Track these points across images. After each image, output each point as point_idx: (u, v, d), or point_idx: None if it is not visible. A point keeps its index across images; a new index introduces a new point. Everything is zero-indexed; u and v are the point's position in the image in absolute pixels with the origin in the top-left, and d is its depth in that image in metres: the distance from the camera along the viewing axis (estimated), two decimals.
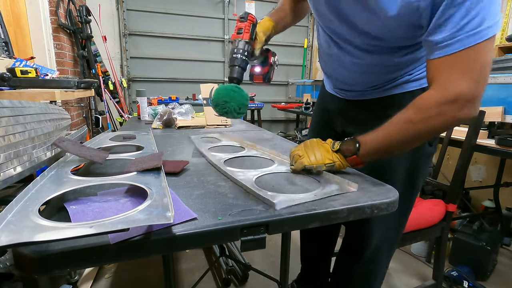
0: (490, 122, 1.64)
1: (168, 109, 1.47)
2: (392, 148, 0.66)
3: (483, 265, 1.62)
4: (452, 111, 0.58)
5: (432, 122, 0.60)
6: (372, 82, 0.86)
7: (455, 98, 0.57)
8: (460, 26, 0.54)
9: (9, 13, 2.14)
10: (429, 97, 0.60)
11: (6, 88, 1.39)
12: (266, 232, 0.49)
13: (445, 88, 0.58)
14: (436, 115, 0.59)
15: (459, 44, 0.55)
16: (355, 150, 0.66)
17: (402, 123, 0.63)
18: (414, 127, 0.61)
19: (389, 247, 0.97)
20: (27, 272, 0.39)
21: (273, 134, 1.29)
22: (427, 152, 0.87)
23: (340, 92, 0.96)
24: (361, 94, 0.89)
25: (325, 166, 0.68)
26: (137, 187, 0.56)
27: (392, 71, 0.81)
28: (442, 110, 0.58)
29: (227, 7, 3.90)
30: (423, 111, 0.60)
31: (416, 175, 0.87)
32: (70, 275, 1.44)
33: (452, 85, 0.57)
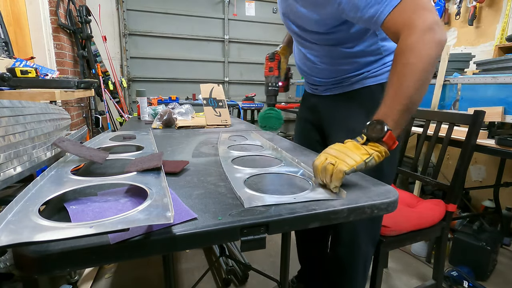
0: (490, 122, 1.65)
1: (168, 109, 1.47)
2: (412, 98, 0.65)
3: (483, 265, 1.62)
4: (430, 36, 0.64)
5: (422, 52, 0.64)
6: (332, 74, 0.99)
7: (427, 27, 0.64)
8: None
9: (9, 13, 2.14)
10: (406, 38, 0.66)
11: (6, 88, 1.39)
12: (266, 232, 0.49)
13: (414, 26, 0.65)
14: (421, 45, 0.64)
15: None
16: (383, 128, 0.63)
17: (402, 69, 0.65)
18: (414, 65, 0.64)
19: (366, 230, 1.00)
20: (27, 272, 0.39)
21: (273, 134, 1.29)
22: None
23: (312, 88, 1.12)
24: (328, 89, 1.03)
25: (366, 162, 0.61)
26: (137, 187, 0.56)
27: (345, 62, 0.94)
28: (424, 40, 0.64)
29: (227, 7, 3.90)
30: (409, 47, 0.65)
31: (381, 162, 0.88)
32: (70, 275, 1.44)
33: (416, 19, 0.65)
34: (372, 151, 0.62)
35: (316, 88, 1.09)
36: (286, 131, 4.58)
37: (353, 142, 0.65)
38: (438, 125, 1.37)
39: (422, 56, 0.64)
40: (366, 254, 1.04)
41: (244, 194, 0.57)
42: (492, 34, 2.29)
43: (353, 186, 0.64)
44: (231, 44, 4.05)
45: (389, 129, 0.63)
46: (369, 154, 0.62)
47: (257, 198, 0.55)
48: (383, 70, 0.93)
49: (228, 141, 1.08)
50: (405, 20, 0.66)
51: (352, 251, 1.03)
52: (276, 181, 0.67)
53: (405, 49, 0.65)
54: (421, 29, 0.64)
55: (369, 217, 0.92)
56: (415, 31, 0.64)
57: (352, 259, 1.04)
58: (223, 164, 0.76)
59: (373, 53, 0.91)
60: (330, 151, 0.64)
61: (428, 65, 0.65)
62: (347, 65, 0.95)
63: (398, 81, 0.65)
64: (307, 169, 0.72)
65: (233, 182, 0.63)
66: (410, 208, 1.29)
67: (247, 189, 0.60)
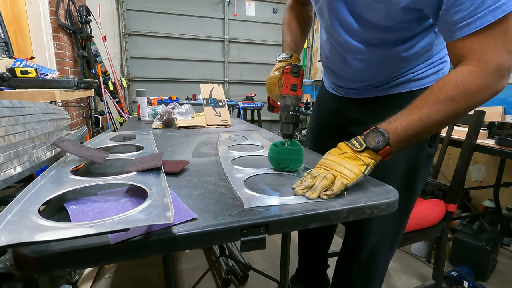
0: (490, 122, 1.64)
1: (168, 109, 1.47)
2: (428, 131, 0.61)
3: (483, 265, 1.62)
4: (494, 83, 0.57)
5: (475, 98, 0.57)
6: (374, 79, 0.84)
7: (496, 70, 0.56)
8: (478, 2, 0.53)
9: (9, 13, 2.14)
10: (470, 73, 0.57)
11: (6, 88, 1.39)
12: (266, 232, 0.49)
13: (487, 63, 0.56)
14: (479, 90, 0.57)
15: (480, 22, 0.54)
16: (384, 141, 0.60)
17: (443, 103, 0.58)
18: (457, 105, 0.58)
19: (388, 249, 0.95)
20: (27, 272, 0.39)
21: (273, 134, 1.29)
22: (428, 154, 0.84)
23: (339, 90, 0.95)
24: (360, 92, 0.88)
25: (364, 174, 0.60)
26: (137, 187, 0.56)
27: (395, 67, 0.80)
28: (484, 83, 0.56)
29: (227, 7, 3.90)
30: (466, 87, 0.57)
31: (415, 178, 0.85)
32: (70, 275, 1.44)
33: (493, 59, 0.55)
34: (369, 161, 0.61)
35: (343, 89, 0.93)
36: None
37: (350, 151, 0.62)
38: None
39: (472, 101, 0.57)
40: (383, 273, 0.98)
41: (244, 194, 0.57)
42: None
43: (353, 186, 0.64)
44: (231, 44, 4.05)
45: (388, 144, 0.60)
46: (366, 164, 0.60)
47: (257, 199, 0.55)
48: (429, 72, 0.80)
49: (228, 141, 1.08)
50: (483, 52, 0.56)
51: (371, 271, 0.94)
52: (276, 182, 0.67)
53: (461, 84, 0.57)
54: (492, 73, 0.56)
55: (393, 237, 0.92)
56: (485, 72, 0.56)
57: (370, 279, 0.96)
58: (223, 164, 0.76)
59: (426, 53, 0.78)
60: (327, 162, 0.62)
61: (467, 111, 0.60)
62: (395, 69, 0.81)
63: (431, 110, 0.59)
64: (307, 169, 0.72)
65: (233, 182, 0.63)
66: None
67: (247, 189, 0.60)
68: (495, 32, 0.54)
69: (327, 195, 0.57)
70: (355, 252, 0.95)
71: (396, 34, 0.72)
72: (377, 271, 0.96)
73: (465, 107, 0.58)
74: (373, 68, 0.81)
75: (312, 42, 4.47)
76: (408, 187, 0.84)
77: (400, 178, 0.83)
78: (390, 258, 0.99)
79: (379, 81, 0.84)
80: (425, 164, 0.86)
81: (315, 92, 3.44)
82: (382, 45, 0.74)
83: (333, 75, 0.94)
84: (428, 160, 0.86)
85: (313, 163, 0.76)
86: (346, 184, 0.58)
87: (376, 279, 0.98)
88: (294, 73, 0.74)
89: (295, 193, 0.59)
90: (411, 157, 0.82)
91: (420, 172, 0.85)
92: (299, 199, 0.56)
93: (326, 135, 1.04)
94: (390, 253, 0.97)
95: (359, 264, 0.95)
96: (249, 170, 0.73)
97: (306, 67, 4.49)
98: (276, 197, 0.57)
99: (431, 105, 0.59)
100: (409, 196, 0.86)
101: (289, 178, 0.70)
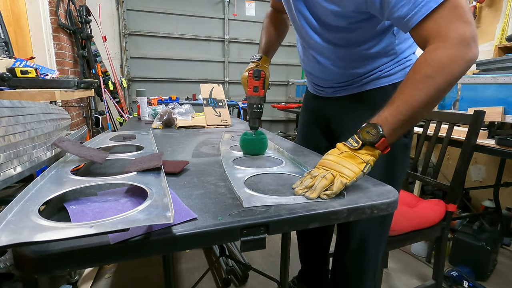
0: (490, 122, 1.64)
1: (168, 109, 1.47)
2: (417, 112, 0.62)
3: (483, 265, 1.62)
4: (463, 53, 0.59)
5: (448, 70, 0.59)
6: (344, 77, 0.92)
7: (460, 40, 0.58)
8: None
9: (9, 13, 2.14)
10: (436, 48, 0.60)
11: (6, 88, 1.39)
12: (266, 232, 0.49)
13: (447, 36, 0.59)
14: (450, 62, 0.59)
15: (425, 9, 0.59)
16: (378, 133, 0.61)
17: (421, 82, 0.60)
18: (435, 81, 0.59)
19: (376, 237, 0.97)
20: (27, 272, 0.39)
21: (273, 134, 1.29)
22: (403, 143, 0.91)
23: (318, 90, 1.04)
24: (336, 91, 0.96)
25: (364, 172, 0.61)
26: (137, 187, 0.56)
27: (361, 65, 0.87)
28: (454, 55, 0.58)
29: (227, 7, 3.90)
30: (437, 62, 0.59)
31: (393, 165, 0.90)
32: (70, 275, 1.44)
33: (452, 31, 0.58)
34: (368, 158, 0.61)
35: (322, 90, 1.02)
36: (286, 131, 4.58)
37: (348, 150, 0.63)
38: (438, 125, 1.37)
39: (447, 74, 0.59)
40: (375, 264, 1.00)
41: (244, 194, 0.57)
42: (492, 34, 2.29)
43: (353, 186, 0.64)
44: (231, 44, 4.05)
45: (383, 136, 0.61)
46: (365, 161, 0.61)
47: (257, 198, 0.55)
48: (397, 69, 0.87)
49: (230, 141, 1.08)
50: (440, 28, 0.59)
51: (361, 261, 0.98)
52: (276, 182, 0.67)
53: (431, 60, 0.60)
54: (455, 43, 0.58)
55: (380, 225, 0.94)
56: (449, 44, 0.58)
57: (361, 270, 0.99)
58: (224, 164, 0.76)
59: (388, 53, 0.85)
60: (326, 162, 0.63)
61: (449, 85, 0.61)
62: (361, 67, 0.89)
63: (412, 91, 0.61)
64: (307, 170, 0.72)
65: (233, 182, 0.63)
66: (410, 208, 1.29)
67: (247, 189, 0.60)
68: (444, 10, 0.58)
69: (327, 195, 0.57)
70: (345, 243, 0.98)
71: (354, 34, 0.79)
72: (368, 262, 0.98)
73: (444, 81, 0.60)
74: (341, 66, 0.90)
75: None
76: (389, 175, 0.88)
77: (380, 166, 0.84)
78: (380, 250, 1.00)
79: (350, 79, 0.91)
80: (402, 153, 0.92)
81: None
82: (344, 44, 0.82)
83: (310, 76, 1.04)
84: (405, 149, 0.93)
85: (312, 163, 0.76)
86: (345, 184, 0.58)
87: (368, 271, 0.99)
88: (255, 77, 0.91)
89: (295, 193, 0.59)
90: None
91: (397, 161, 0.91)
92: (299, 199, 0.56)
93: (314, 134, 1.11)
94: (379, 242, 0.99)
95: (351, 255, 0.98)
96: (250, 170, 0.73)
97: None
98: (276, 197, 0.57)
99: (411, 87, 0.61)
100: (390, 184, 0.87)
101: (289, 178, 0.70)
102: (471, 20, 0.59)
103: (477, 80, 1.75)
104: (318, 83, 1.02)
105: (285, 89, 4.44)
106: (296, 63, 4.41)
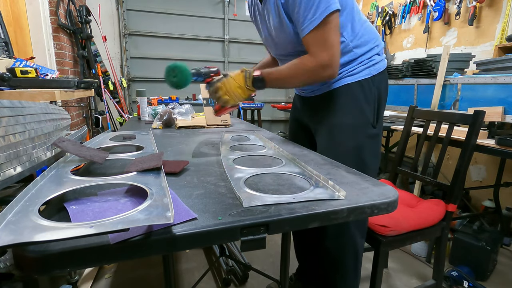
0: (490, 122, 1.64)
1: (168, 109, 1.47)
2: (287, 80, 0.97)
3: (483, 265, 1.62)
4: (319, 72, 0.91)
5: (307, 74, 0.92)
6: None
7: (320, 65, 0.89)
8: (303, 16, 0.87)
9: (9, 13, 2.14)
10: (309, 61, 0.91)
11: (6, 88, 1.39)
12: (266, 232, 0.49)
13: (315, 58, 0.89)
14: (311, 73, 0.92)
15: (307, 28, 0.87)
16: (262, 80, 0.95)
17: (297, 68, 0.93)
18: (300, 79, 0.95)
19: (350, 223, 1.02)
20: (27, 272, 0.39)
21: (273, 134, 1.29)
22: (371, 133, 1.03)
23: (300, 90, 1.19)
24: (313, 91, 1.10)
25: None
26: (137, 187, 0.56)
27: None
28: (314, 71, 0.91)
29: (227, 7, 3.90)
30: (306, 67, 0.91)
31: (363, 152, 1.02)
32: (70, 275, 1.44)
33: (317, 56, 0.89)
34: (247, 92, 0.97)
35: (303, 90, 1.16)
36: (286, 131, 4.58)
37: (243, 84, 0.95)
38: (438, 125, 1.37)
39: (307, 76, 0.93)
40: (355, 245, 1.04)
41: (244, 193, 0.57)
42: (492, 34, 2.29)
43: (353, 186, 0.64)
44: (231, 44, 4.05)
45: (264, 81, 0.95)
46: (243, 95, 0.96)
47: (256, 198, 0.55)
48: (360, 69, 1.00)
49: (230, 141, 1.08)
50: (313, 48, 0.89)
51: (341, 243, 1.03)
52: (276, 181, 0.67)
53: (305, 64, 0.91)
54: (316, 63, 0.89)
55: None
56: (313, 62, 0.90)
57: (342, 252, 1.04)
58: (224, 164, 0.76)
59: (347, 53, 0.98)
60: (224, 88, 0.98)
61: (306, 80, 0.96)
62: None
63: (289, 74, 0.95)
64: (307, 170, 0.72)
65: (233, 182, 0.63)
66: (410, 208, 1.29)
67: (247, 188, 0.60)
68: (316, 37, 0.88)
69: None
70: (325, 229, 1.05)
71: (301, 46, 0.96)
72: (348, 244, 1.03)
73: (304, 76, 0.94)
74: None
75: None
76: (359, 161, 1.00)
77: (351, 152, 1.01)
78: (359, 231, 1.05)
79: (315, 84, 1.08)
80: (370, 142, 1.03)
81: None
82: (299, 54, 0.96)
83: None
84: (372, 139, 1.04)
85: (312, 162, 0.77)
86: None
87: (349, 254, 1.04)
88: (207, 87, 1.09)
89: None
90: (355, 136, 1.01)
91: (366, 148, 1.02)
92: (299, 198, 0.56)
93: (297, 130, 1.27)
94: (357, 225, 1.03)
95: (330, 239, 1.04)
96: (250, 169, 0.73)
97: None
98: (275, 196, 0.57)
99: (289, 71, 0.95)
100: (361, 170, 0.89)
101: (289, 178, 0.70)
102: (334, 52, 0.89)
103: (477, 80, 1.75)
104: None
105: (285, 90, 4.43)
106: None
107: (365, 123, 1.02)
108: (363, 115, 1.01)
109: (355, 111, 1.01)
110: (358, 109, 1.01)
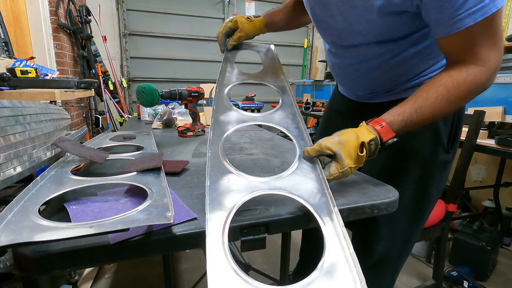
0: (490, 122, 1.64)
1: (168, 109, 1.47)
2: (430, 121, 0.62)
3: (483, 265, 1.62)
4: (490, 82, 0.60)
5: (478, 92, 0.61)
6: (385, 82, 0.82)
7: (494, 71, 0.59)
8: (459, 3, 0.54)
9: (9, 13, 2.13)
10: (480, 72, 0.59)
11: (6, 88, 1.39)
12: (266, 232, 0.49)
13: (487, 64, 0.58)
14: (483, 88, 0.61)
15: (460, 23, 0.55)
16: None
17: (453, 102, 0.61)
18: (463, 102, 0.63)
19: (397, 257, 0.89)
20: (27, 272, 0.39)
21: (273, 134, 1.29)
22: (443, 160, 0.81)
23: (352, 94, 0.94)
24: (374, 96, 0.86)
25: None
26: (137, 187, 0.56)
27: (404, 67, 0.77)
28: (487, 82, 0.60)
29: (227, 7, 3.90)
30: (479, 82, 0.59)
31: (428, 183, 0.82)
32: (70, 275, 1.44)
33: (491, 60, 0.58)
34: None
35: (355, 94, 0.92)
36: None
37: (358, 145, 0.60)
38: None
39: (472, 95, 0.60)
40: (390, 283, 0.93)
41: None
42: None
43: (353, 186, 0.64)
44: None
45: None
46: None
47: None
48: None
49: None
50: (478, 50, 0.58)
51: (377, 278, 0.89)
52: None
53: (469, 83, 0.59)
54: (491, 73, 0.59)
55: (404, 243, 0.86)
56: (487, 71, 0.59)
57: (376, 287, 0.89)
58: None
59: (429, 58, 0.76)
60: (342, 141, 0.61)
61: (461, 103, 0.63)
62: (406, 70, 0.77)
63: (440, 104, 0.60)
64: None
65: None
66: None
67: None
68: (489, 27, 0.56)
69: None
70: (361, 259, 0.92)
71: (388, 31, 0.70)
72: (383, 280, 0.91)
73: (465, 102, 0.63)
74: (386, 68, 0.78)
75: (312, 42, 4.47)
76: (421, 194, 0.82)
77: (413, 183, 0.80)
78: (399, 267, 0.92)
79: (388, 87, 0.82)
80: (439, 170, 0.82)
81: (316, 92, 3.43)
82: (388, 39, 0.72)
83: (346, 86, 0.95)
84: (443, 166, 0.83)
85: None
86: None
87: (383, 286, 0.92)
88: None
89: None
90: (424, 162, 0.80)
91: (434, 178, 0.82)
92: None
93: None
94: (400, 261, 0.91)
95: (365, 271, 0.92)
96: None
97: (306, 67, 4.49)
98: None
99: (443, 102, 0.60)
100: (422, 203, 0.81)
101: None
102: (502, 49, 0.60)
103: None
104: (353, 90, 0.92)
105: None
106: (296, 63, 4.41)
107: (437, 147, 0.79)
108: (436, 137, 0.78)
109: (426, 133, 0.77)
110: (432, 129, 0.77)
